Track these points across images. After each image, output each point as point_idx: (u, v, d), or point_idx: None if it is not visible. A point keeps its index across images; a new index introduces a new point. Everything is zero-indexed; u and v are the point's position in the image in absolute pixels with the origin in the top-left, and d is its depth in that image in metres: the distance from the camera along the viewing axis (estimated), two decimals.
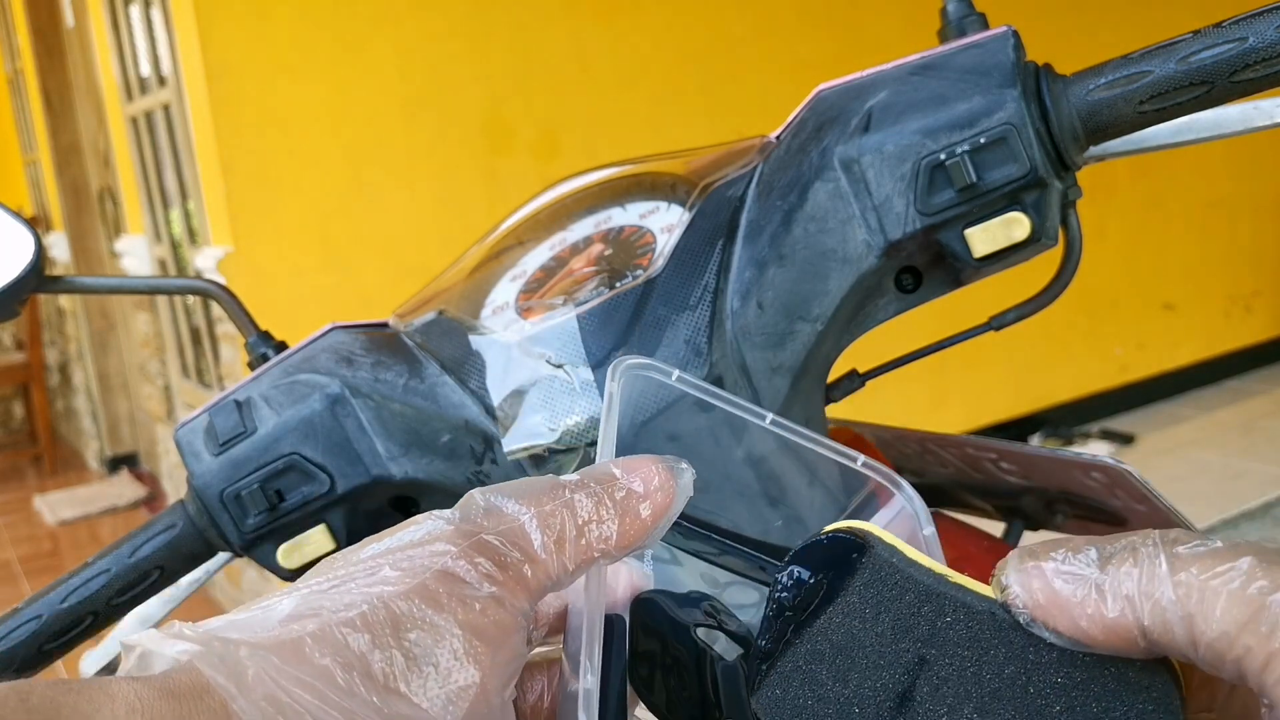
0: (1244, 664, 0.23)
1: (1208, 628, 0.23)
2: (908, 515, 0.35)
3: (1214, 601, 0.23)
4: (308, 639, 0.24)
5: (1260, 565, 0.23)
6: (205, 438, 0.51)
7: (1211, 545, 0.24)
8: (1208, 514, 2.95)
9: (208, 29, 2.43)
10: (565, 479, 0.29)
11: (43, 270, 0.57)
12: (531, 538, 0.27)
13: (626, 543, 0.29)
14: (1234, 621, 0.23)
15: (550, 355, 0.46)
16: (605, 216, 0.52)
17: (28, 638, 0.51)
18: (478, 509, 0.27)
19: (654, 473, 0.30)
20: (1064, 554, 0.25)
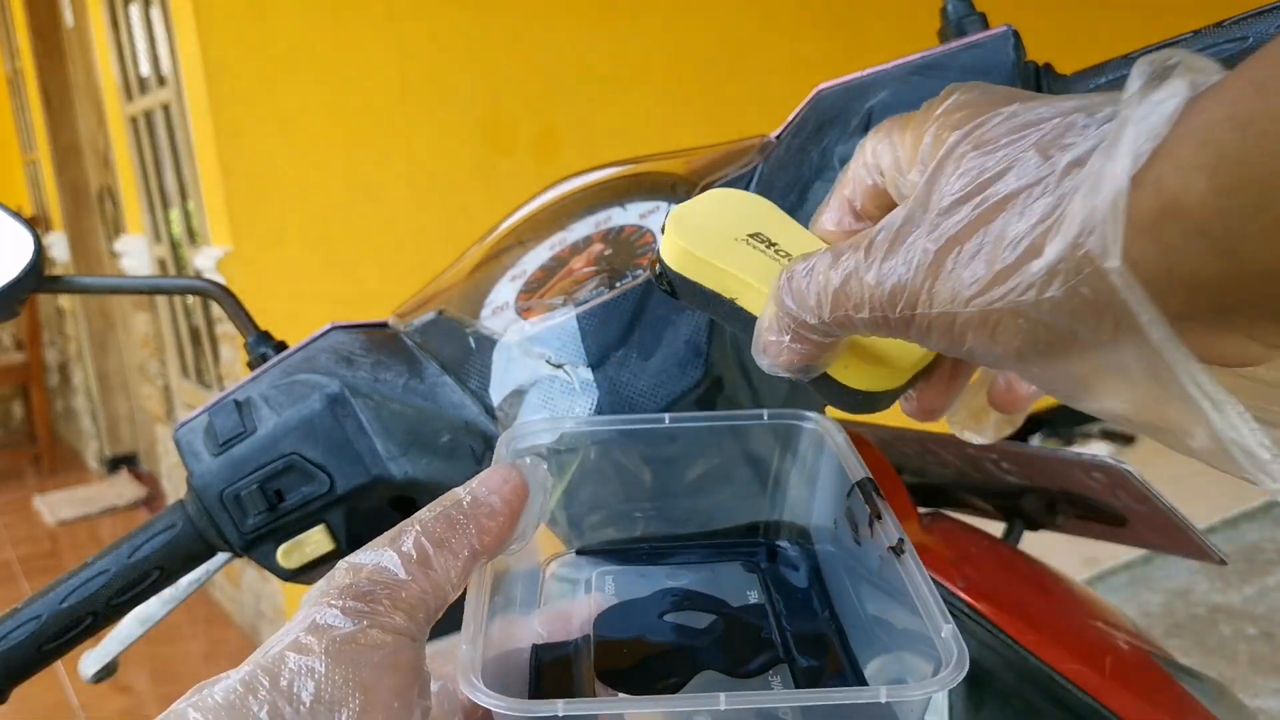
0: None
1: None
2: (823, 431, 0.38)
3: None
4: (190, 710, 0.26)
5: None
6: (205, 438, 0.51)
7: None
8: (1208, 514, 2.95)
9: (207, 29, 2.42)
10: (416, 515, 0.32)
11: (42, 270, 0.57)
12: (390, 569, 0.30)
13: (492, 540, 0.31)
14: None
15: (550, 355, 0.46)
16: (605, 216, 0.52)
17: (27, 638, 0.51)
18: (337, 573, 0.30)
19: (500, 475, 0.33)
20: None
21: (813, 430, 0.38)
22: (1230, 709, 0.54)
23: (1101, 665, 0.49)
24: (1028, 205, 0.25)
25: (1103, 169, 0.24)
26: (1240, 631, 2.47)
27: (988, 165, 0.26)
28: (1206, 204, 0.23)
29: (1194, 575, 2.69)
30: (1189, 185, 0.23)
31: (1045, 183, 0.25)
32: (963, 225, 0.26)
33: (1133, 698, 0.48)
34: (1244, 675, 2.29)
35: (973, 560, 0.52)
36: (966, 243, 0.26)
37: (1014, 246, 0.25)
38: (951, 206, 0.27)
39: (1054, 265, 0.24)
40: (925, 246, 0.27)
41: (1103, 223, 0.24)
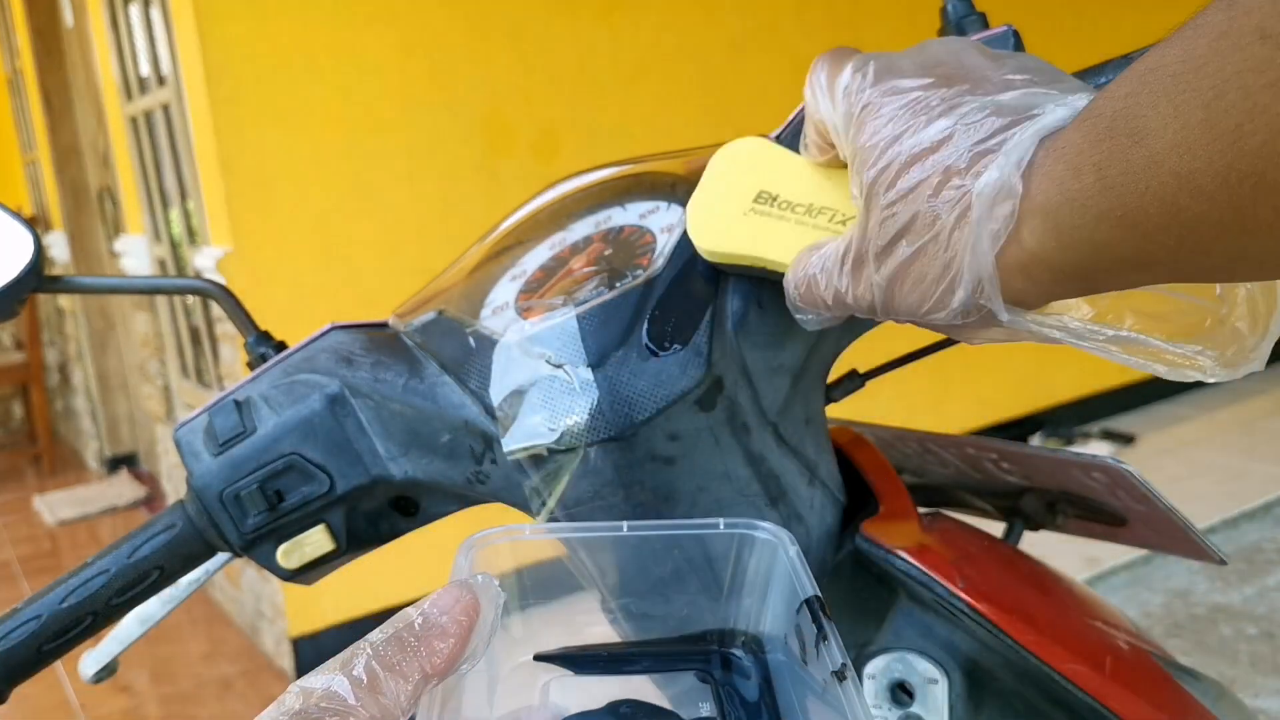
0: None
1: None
2: (777, 543, 0.39)
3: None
4: None
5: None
6: (205, 438, 0.51)
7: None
8: (1208, 514, 2.95)
9: (207, 28, 2.42)
10: (368, 636, 0.32)
11: (42, 270, 0.57)
12: (340, 694, 0.30)
13: (443, 662, 0.31)
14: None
15: (550, 355, 0.46)
16: (605, 216, 0.52)
17: (27, 638, 0.51)
18: (289, 698, 0.30)
19: (452, 595, 0.33)
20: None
21: (766, 540, 0.39)
22: (1231, 709, 0.54)
23: (1102, 665, 0.49)
24: (931, 259, 0.35)
25: (978, 243, 0.33)
26: (1240, 631, 2.47)
27: (897, 218, 0.36)
28: (1057, 257, 0.32)
29: (1194, 575, 2.69)
30: (1044, 246, 0.32)
31: (936, 241, 0.35)
32: (894, 268, 0.37)
33: (1133, 698, 0.48)
34: (1244, 675, 2.29)
35: (973, 560, 0.51)
36: (904, 281, 0.37)
37: (934, 288, 0.36)
38: (884, 250, 0.37)
39: (964, 306, 0.35)
40: (878, 281, 0.38)
41: (989, 288, 0.34)
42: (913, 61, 0.38)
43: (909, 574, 0.49)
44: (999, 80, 0.36)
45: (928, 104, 0.36)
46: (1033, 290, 0.34)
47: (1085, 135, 0.31)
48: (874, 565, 0.50)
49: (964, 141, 0.34)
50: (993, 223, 0.33)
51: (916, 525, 0.53)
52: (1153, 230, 0.29)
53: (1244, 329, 0.35)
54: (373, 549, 0.54)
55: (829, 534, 0.51)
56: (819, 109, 0.41)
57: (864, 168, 0.37)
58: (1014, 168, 0.32)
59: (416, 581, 2.78)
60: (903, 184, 0.36)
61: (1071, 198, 0.31)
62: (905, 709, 0.51)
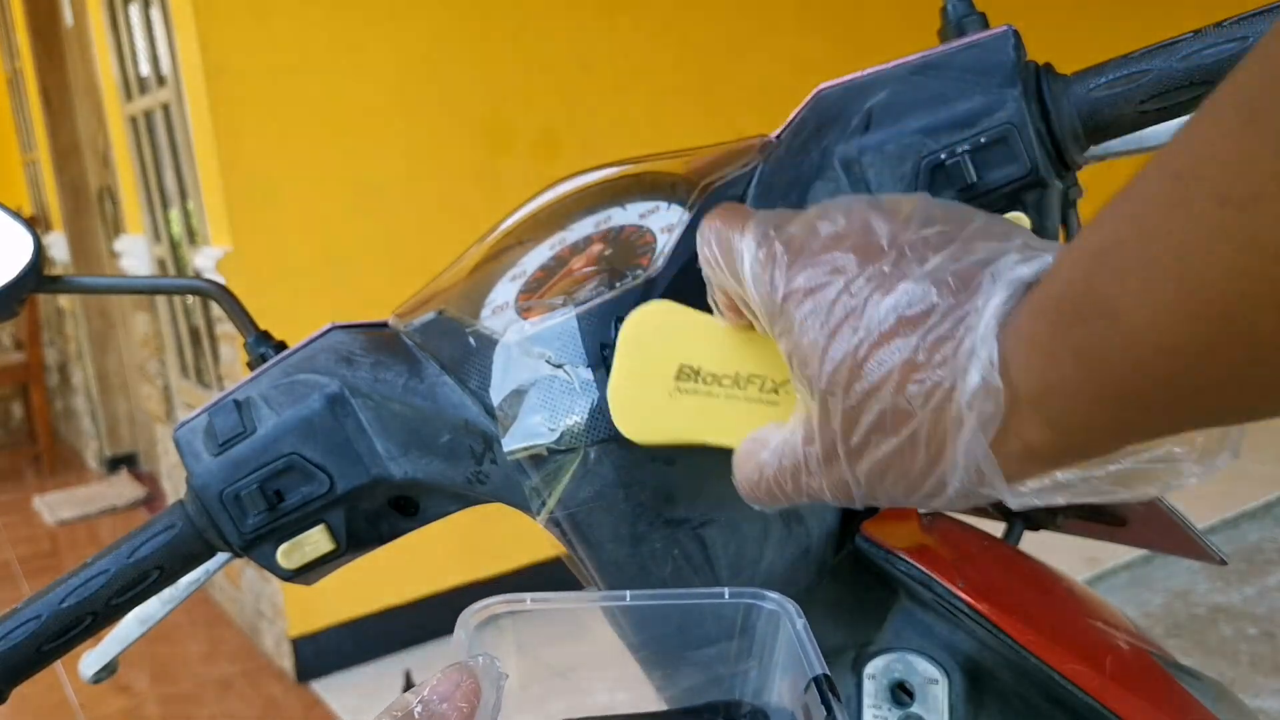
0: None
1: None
2: (783, 614, 0.38)
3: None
4: None
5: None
6: (204, 438, 0.51)
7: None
8: (1209, 514, 2.95)
9: (207, 28, 2.43)
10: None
11: (42, 270, 0.57)
12: None
13: None
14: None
15: (550, 355, 0.46)
16: (605, 216, 0.52)
17: (27, 638, 0.51)
18: None
19: (451, 680, 0.32)
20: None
21: (772, 611, 0.38)
22: (1231, 709, 0.54)
23: (1102, 665, 0.48)
24: (913, 451, 0.34)
25: (970, 444, 0.32)
26: (1241, 631, 2.47)
27: (868, 414, 0.34)
28: (1057, 444, 0.31)
29: (1194, 575, 2.69)
30: (1042, 437, 0.31)
31: (917, 436, 0.33)
32: (875, 463, 0.35)
33: (1133, 698, 0.48)
34: (1245, 675, 2.29)
35: (973, 560, 0.51)
36: (886, 475, 0.35)
37: (923, 480, 0.34)
38: (855, 451, 0.35)
39: (959, 494, 0.34)
40: (856, 477, 0.35)
41: (992, 478, 0.33)
42: (819, 238, 0.36)
43: (909, 574, 0.49)
44: (914, 243, 0.35)
45: (855, 289, 0.34)
46: (1034, 471, 0.33)
47: (1052, 321, 0.30)
48: (874, 565, 0.50)
49: (914, 333, 0.33)
50: (981, 418, 0.32)
51: (916, 525, 0.53)
52: (1149, 404, 0.28)
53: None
54: (373, 549, 0.54)
55: (829, 534, 0.51)
56: (722, 280, 0.39)
57: (808, 367, 0.35)
58: (989, 366, 0.31)
59: (416, 582, 2.79)
60: (860, 385, 0.34)
61: (1055, 387, 0.30)
62: (905, 709, 0.51)
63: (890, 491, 0.35)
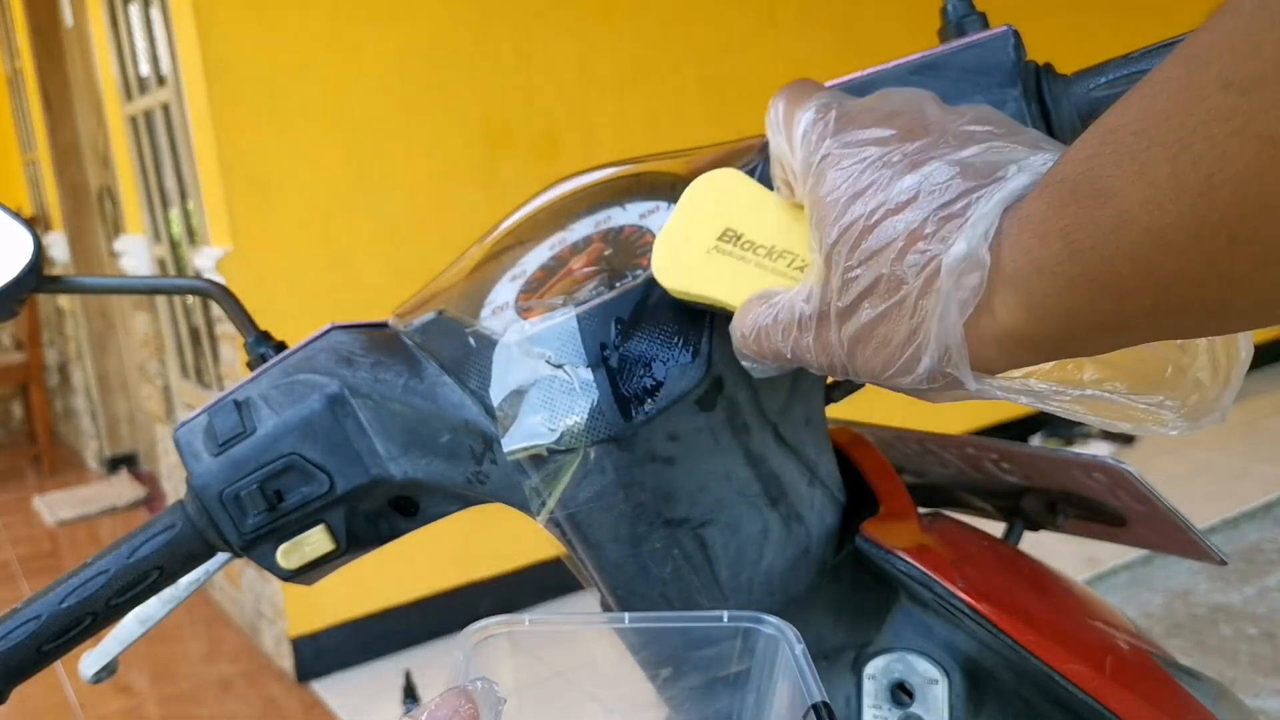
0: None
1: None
2: (781, 639, 0.38)
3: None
4: None
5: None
6: (204, 438, 0.51)
7: None
8: (1209, 514, 2.95)
9: (207, 28, 2.42)
10: None
11: (42, 270, 0.57)
12: None
13: None
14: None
15: (550, 355, 0.46)
16: (605, 216, 0.52)
17: (27, 638, 0.51)
18: None
19: (450, 706, 0.32)
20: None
21: (771, 635, 0.38)
22: (1231, 709, 0.54)
23: (1102, 665, 0.48)
24: (896, 323, 0.35)
25: (946, 312, 0.33)
26: (1241, 632, 2.47)
27: (861, 279, 0.35)
28: (1030, 328, 0.32)
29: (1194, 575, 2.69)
30: (1015, 319, 0.32)
31: (903, 305, 0.34)
32: (860, 329, 0.36)
33: (1133, 698, 0.48)
34: (1245, 675, 2.29)
35: (973, 560, 0.51)
36: (868, 343, 0.36)
37: (900, 352, 0.35)
38: (848, 310, 0.36)
39: (929, 372, 0.35)
40: (840, 340, 0.37)
41: (957, 357, 0.33)
42: (873, 112, 0.38)
43: (909, 574, 0.49)
44: (959, 133, 0.35)
45: (889, 160, 0.35)
46: (1003, 359, 0.34)
47: (1049, 202, 0.30)
48: (874, 565, 0.50)
49: (929, 205, 0.34)
50: (960, 292, 0.32)
51: (916, 525, 0.53)
52: (1126, 292, 0.28)
53: (1205, 379, 0.35)
54: (373, 549, 0.54)
55: (829, 534, 0.51)
56: (780, 149, 0.40)
57: (824, 224, 0.36)
58: (981, 239, 0.32)
59: (416, 582, 2.79)
60: (866, 246, 0.35)
61: (1040, 266, 0.30)
62: (905, 709, 0.51)
63: (869, 362, 0.36)
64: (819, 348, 0.38)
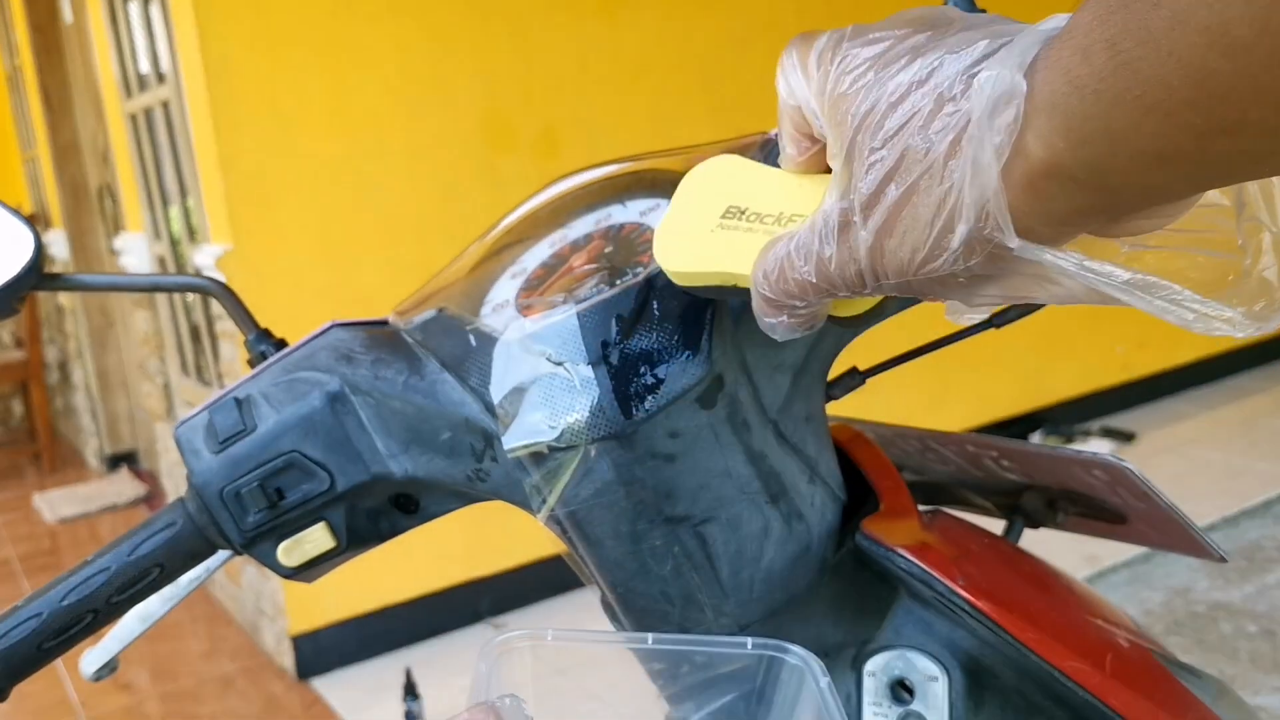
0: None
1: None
2: (806, 671, 0.38)
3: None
4: None
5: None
6: (205, 435, 0.51)
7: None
8: (1209, 511, 2.95)
9: (206, 25, 2.42)
10: None
11: (42, 268, 0.57)
12: None
13: None
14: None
15: (550, 353, 0.46)
16: (606, 214, 0.52)
17: (27, 636, 0.51)
18: None
19: (475, 717, 0.32)
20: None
21: (795, 665, 0.38)
22: (1231, 707, 0.54)
23: (1102, 663, 0.49)
24: (925, 196, 0.31)
25: (979, 159, 0.30)
26: (1241, 629, 2.47)
27: (885, 161, 0.32)
28: (1068, 158, 0.29)
29: (1194, 573, 2.69)
30: (1052, 149, 0.29)
31: (931, 174, 0.31)
32: (883, 217, 0.33)
33: (1133, 695, 0.48)
34: (1245, 673, 2.29)
35: (973, 558, 0.51)
36: (894, 230, 0.33)
37: (929, 230, 0.32)
38: (870, 199, 0.33)
39: (965, 242, 0.31)
40: (864, 238, 0.33)
41: (996, 211, 0.30)
42: (891, 19, 0.36)
43: (909, 571, 0.49)
44: (977, 21, 0.33)
45: (912, 45, 0.33)
46: (1038, 208, 0.30)
47: (1095, 13, 0.27)
48: (874, 563, 0.50)
49: (955, 67, 0.31)
50: (995, 134, 0.29)
51: (917, 523, 0.53)
52: (1177, 107, 0.26)
53: (1273, 279, 0.32)
54: (373, 546, 0.54)
55: (829, 531, 0.51)
56: (794, 91, 0.38)
57: (845, 116, 0.34)
58: (1015, 66, 0.29)
59: (417, 579, 2.79)
60: (890, 124, 0.32)
61: (1081, 84, 0.27)
62: (905, 706, 0.51)
63: (897, 252, 0.33)
64: (843, 257, 0.34)
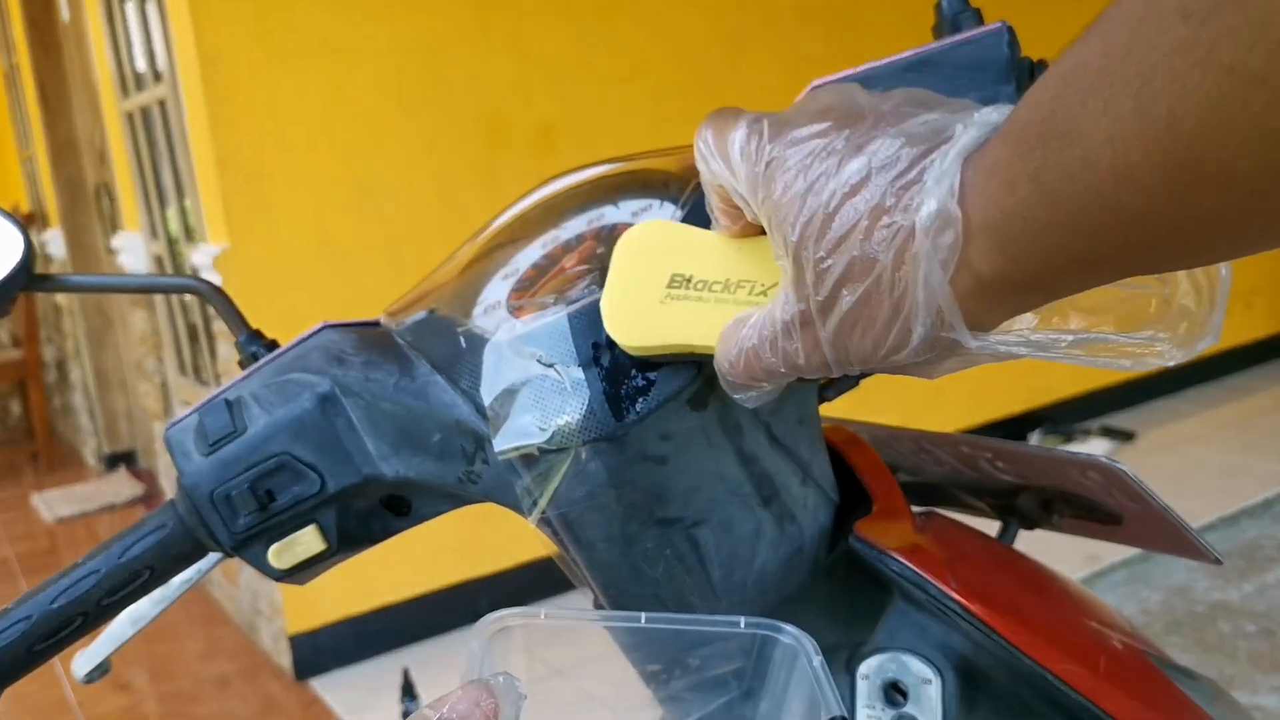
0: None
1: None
2: (799, 649, 0.38)
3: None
4: None
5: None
6: (195, 437, 0.51)
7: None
8: (1208, 511, 2.95)
9: (202, 24, 2.42)
10: None
11: (32, 268, 0.56)
12: None
13: None
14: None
15: (541, 354, 0.46)
16: (598, 214, 0.52)
17: (17, 638, 0.51)
18: None
19: (470, 698, 0.32)
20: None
21: (789, 645, 0.38)
22: (1226, 708, 0.54)
23: (1095, 665, 0.48)
24: (879, 301, 0.34)
25: (929, 274, 0.33)
26: (1239, 629, 2.47)
27: (835, 268, 0.35)
28: (1009, 271, 0.32)
29: (1193, 573, 2.69)
30: (994, 265, 0.32)
31: (881, 282, 0.34)
32: (842, 318, 0.36)
33: (1127, 698, 0.48)
34: (1243, 673, 2.29)
35: (967, 559, 0.51)
36: (854, 330, 0.36)
37: (887, 329, 0.35)
38: (825, 304, 0.36)
39: (924, 340, 0.34)
40: (826, 336, 0.36)
41: (951, 316, 0.33)
42: (804, 113, 0.38)
43: (902, 575, 0.49)
44: (895, 112, 0.36)
45: (833, 148, 0.35)
46: (989, 311, 0.34)
47: (1013, 148, 0.30)
48: (867, 565, 0.50)
49: (883, 179, 0.34)
50: (939, 252, 0.32)
51: (910, 525, 0.52)
52: (1098, 230, 0.29)
53: (1191, 305, 0.35)
54: (364, 549, 0.54)
55: (822, 533, 0.51)
56: (716, 174, 0.40)
57: (784, 225, 0.36)
58: (948, 194, 0.32)
59: (414, 579, 2.79)
60: (831, 234, 0.35)
61: (1011, 213, 0.30)
62: (899, 709, 0.50)
63: (860, 347, 0.36)
64: (808, 349, 0.37)
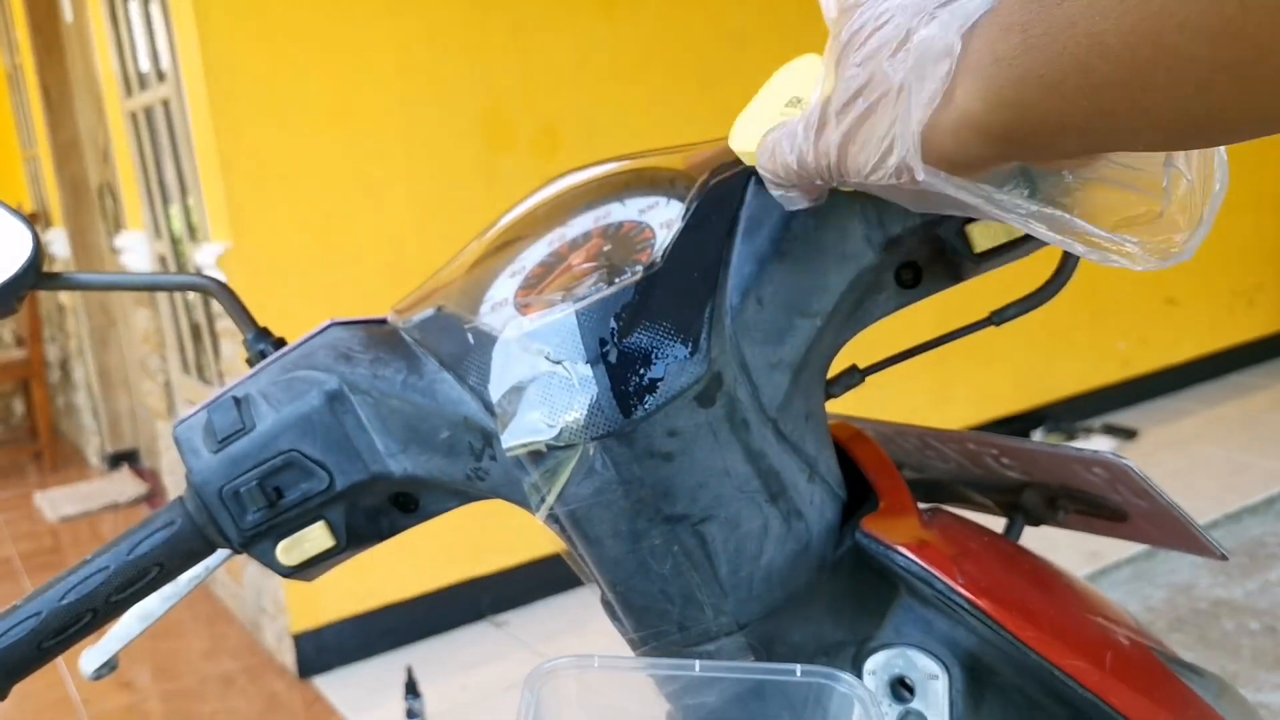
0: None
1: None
2: (855, 699, 0.38)
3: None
4: None
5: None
6: (204, 434, 0.51)
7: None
8: (1211, 508, 2.95)
9: (206, 24, 2.42)
10: None
11: (40, 267, 0.57)
12: None
13: None
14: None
15: (549, 351, 0.46)
16: (604, 212, 0.52)
17: (26, 635, 0.51)
18: None
19: None
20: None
21: (845, 695, 0.38)
22: (1232, 704, 0.54)
23: (1102, 661, 0.48)
24: (880, 117, 0.37)
25: (911, 105, 0.35)
26: (1243, 626, 2.47)
27: (858, 78, 0.37)
28: (984, 118, 0.33)
29: (1196, 570, 2.69)
30: (972, 106, 0.34)
31: (887, 98, 0.36)
32: (849, 125, 0.38)
33: (1133, 693, 0.48)
34: (1247, 670, 2.29)
35: (973, 556, 0.51)
36: (856, 139, 0.38)
37: (878, 147, 0.37)
38: (844, 108, 0.38)
39: (897, 166, 0.36)
40: (834, 140, 0.39)
41: (911, 150, 0.35)
42: None
43: (909, 570, 0.49)
44: None
45: None
46: (959, 151, 0.35)
47: (999, 29, 0.32)
48: (874, 561, 0.50)
49: (929, 5, 0.35)
50: (930, 81, 0.34)
51: (916, 521, 0.52)
52: (1068, 92, 0.30)
53: (1179, 221, 0.36)
54: (372, 545, 0.54)
55: (829, 530, 0.51)
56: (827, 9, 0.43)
57: (842, 28, 0.38)
58: (955, 28, 0.33)
59: (418, 578, 2.79)
60: (869, 46, 0.37)
61: (999, 58, 0.32)
62: (906, 705, 0.51)
63: (855, 159, 0.38)
64: (818, 151, 0.40)
